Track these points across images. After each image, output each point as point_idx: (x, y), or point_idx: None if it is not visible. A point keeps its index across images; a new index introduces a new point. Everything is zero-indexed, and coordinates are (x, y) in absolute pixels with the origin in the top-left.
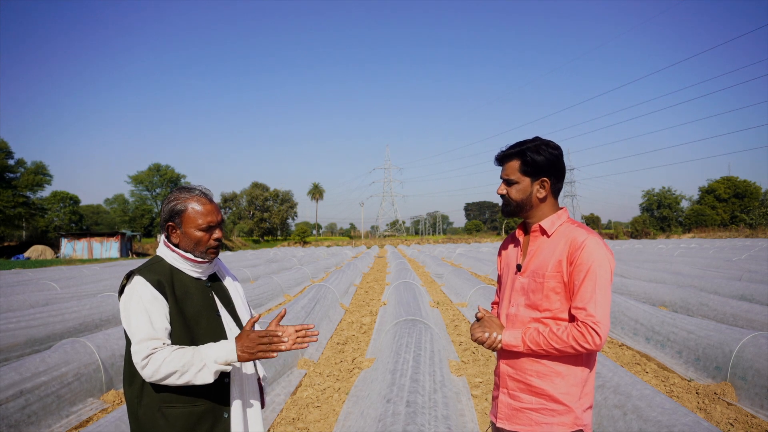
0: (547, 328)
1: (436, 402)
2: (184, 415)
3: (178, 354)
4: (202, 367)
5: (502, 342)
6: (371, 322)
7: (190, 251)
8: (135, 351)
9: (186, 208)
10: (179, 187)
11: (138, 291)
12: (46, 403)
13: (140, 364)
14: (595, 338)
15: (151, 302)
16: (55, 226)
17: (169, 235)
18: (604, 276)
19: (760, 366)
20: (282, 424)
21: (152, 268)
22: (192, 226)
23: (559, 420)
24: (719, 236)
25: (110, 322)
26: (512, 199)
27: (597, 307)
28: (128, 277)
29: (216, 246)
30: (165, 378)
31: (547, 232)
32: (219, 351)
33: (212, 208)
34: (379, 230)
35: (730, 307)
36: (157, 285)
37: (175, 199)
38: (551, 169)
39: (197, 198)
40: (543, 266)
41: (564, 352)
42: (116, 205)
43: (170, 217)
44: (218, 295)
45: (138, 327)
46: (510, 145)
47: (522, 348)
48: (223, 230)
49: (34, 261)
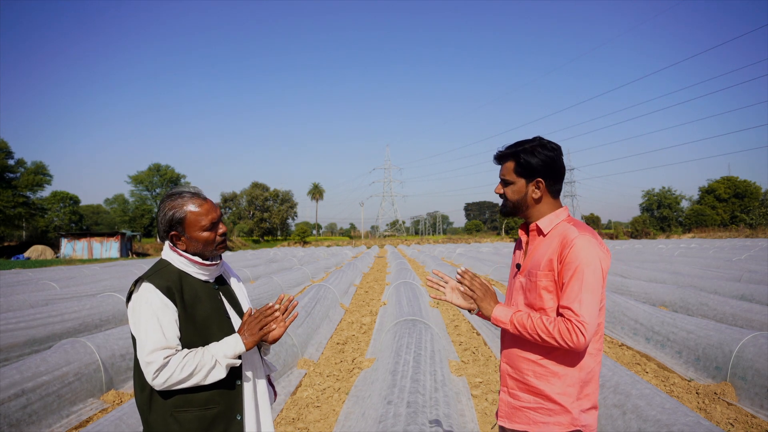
0: (537, 314)
1: (437, 401)
2: (197, 418)
3: (190, 357)
4: (213, 365)
5: (492, 315)
6: (371, 322)
7: (199, 253)
8: (148, 361)
9: (185, 214)
10: (168, 194)
11: (147, 298)
12: (47, 402)
13: (152, 375)
14: (579, 337)
15: (162, 309)
16: (55, 226)
17: (174, 243)
18: (593, 275)
19: (760, 366)
20: (282, 424)
21: (160, 274)
22: (196, 229)
23: (555, 420)
24: (719, 236)
25: (110, 322)
26: (508, 200)
27: (582, 307)
28: (136, 284)
29: (224, 240)
30: (178, 384)
31: (543, 232)
32: (226, 345)
33: (210, 206)
34: (379, 230)
35: (730, 307)
36: (167, 291)
37: (170, 207)
38: (546, 171)
39: (191, 200)
40: (536, 265)
41: (547, 343)
42: (116, 205)
43: (171, 226)
44: (225, 297)
45: (149, 336)
46: (508, 145)
47: (509, 327)
48: (224, 223)
49: (34, 261)
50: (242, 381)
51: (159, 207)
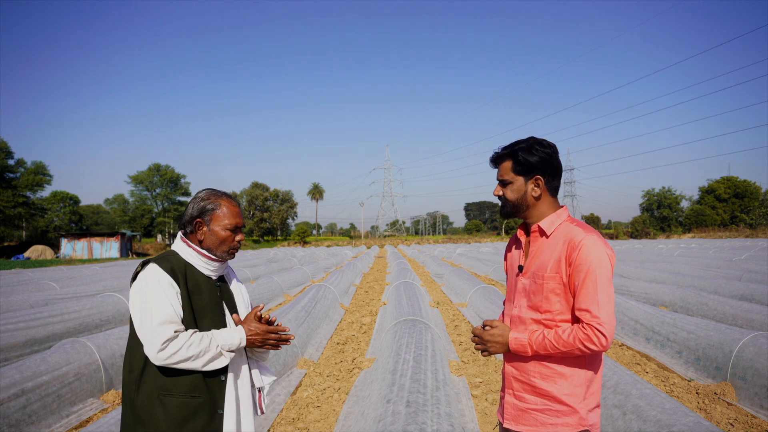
0: (552, 332)
1: (438, 400)
2: (182, 405)
3: (196, 338)
4: (218, 354)
5: (511, 348)
6: (371, 322)
7: (212, 249)
8: (155, 332)
9: (217, 208)
10: (209, 188)
11: (156, 275)
12: (47, 402)
13: (159, 346)
14: (601, 339)
15: (169, 288)
16: (55, 226)
17: (195, 231)
18: (605, 275)
19: (760, 366)
20: (282, 424)
21: (168, 259)
22: (220, 225)
23: (563, 421)
24: (719, 236)
25: (110, 323)
26: (508, 200)
27: (600, 308)
28: (143, 265)
29: (238, 248)
30: (182, 361)
31: (546, 233)
32: (230, 336)
33: (239, 211)
34: (379, 230)
35: (730, 307)
36: (172, 273)
37: (207, 197)
38: (544, 167)
39: (228, 200)
40: (542, 267)
41: (571, 354)
42: (116, 205)
43: (200, 213)
44: (224, 295)
45: (159, 309)
46: (503, 146)
47: (529, 353)
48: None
49: (34, 261)
50: (226, 377)
51: (195, 196)
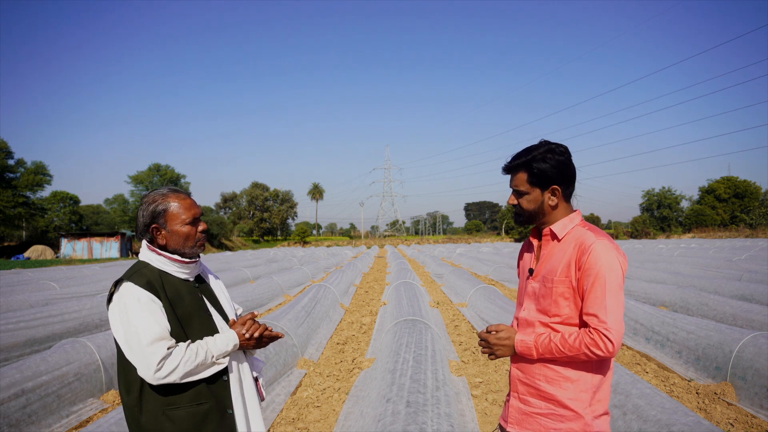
0: (558, 335)
1: (438, 399)
2: (190, 415)
3: (192, 352)
4: (213, 361)
5: (517, 350)
6: (371, 322)
7: (178, 250)
8: (147, 353)
9: (168, 207)
10: (149, 191)
11: (134, 293)
12: (47, 402)
13: (154, 367)
14: (607, 345)
15: (150, 304)
16: (55, 226)
17: (154, 238)
18: (614, 280)
19: (760, 366)
20: (282, 424)
21: (140, 273)
22: (178, 223)
23: (567, 426)
24: (719, 236)
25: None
26: (524, 210)
27: (608, 314)
28: (116, 285)
29: (204, 239)
30: (183, 377)
31: (558, 237)
32: (223, 344)
33: (192, 202)
34: (379, 230)
35: (730, 307)
36: (150, 288)
37: (152, 201)
38: (560, 177)
39: (176, 194)
40: (552, 271)
41: (577, 359)
42: (116, 205)
43: (153, 218)
44: (205, 295)
45: (146, 328)
46: (516, 155)
47: (535, 356)
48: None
49: (34, 261)
50: (228, 376)
51: (142, 202)
